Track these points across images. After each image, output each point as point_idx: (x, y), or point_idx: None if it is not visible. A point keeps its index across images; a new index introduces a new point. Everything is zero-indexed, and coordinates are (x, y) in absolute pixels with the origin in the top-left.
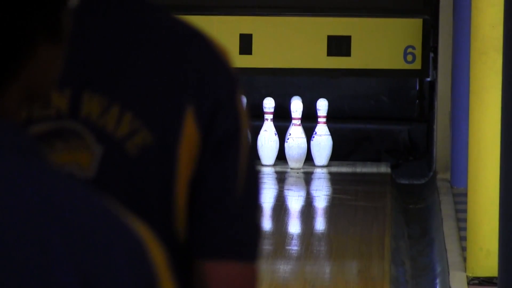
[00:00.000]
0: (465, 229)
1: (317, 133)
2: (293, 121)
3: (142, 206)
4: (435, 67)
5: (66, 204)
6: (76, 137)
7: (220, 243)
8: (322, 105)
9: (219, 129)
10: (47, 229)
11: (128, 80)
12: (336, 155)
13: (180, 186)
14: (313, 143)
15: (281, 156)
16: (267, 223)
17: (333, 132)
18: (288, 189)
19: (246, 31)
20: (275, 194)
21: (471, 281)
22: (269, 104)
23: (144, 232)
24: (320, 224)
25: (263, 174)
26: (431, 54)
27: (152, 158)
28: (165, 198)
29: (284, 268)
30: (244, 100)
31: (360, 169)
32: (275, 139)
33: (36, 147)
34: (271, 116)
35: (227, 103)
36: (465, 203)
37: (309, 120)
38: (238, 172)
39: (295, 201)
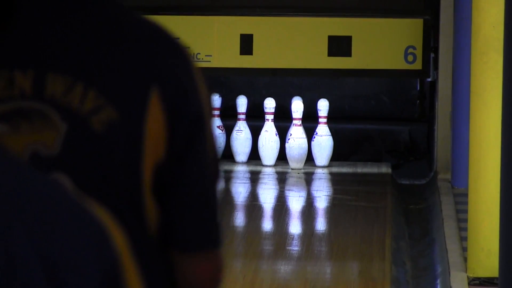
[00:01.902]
0: (466, 229)
1: (318, 134)
2: (294, 122)
3: (108, 183)
4: (436, 67)
5: (27, 192)
6: (40, 117)
7: (192, 236)
8: (322, 106)
9: (184, 117)
10: (8, 217)
11: (92, 60)
12: (337, 156)
13: (147, 166)
14: (313, 143)
15: (282, 157)
16: (267, 224)
17: (333, 133)
18: (288, 190)
19: (246, 31)
20: (276, 194)
21: (472, 281)
22: (269, 104)
23: (106, 219)
24: (320, 224)
25: (264, 174)
26: (432, 54)
27: (118, 134)
28: (131, 177)
29: (284, 268)
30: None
31: (360, 169)
32: (276, 139)
33: None
34: (271, 117)
35: (190, 92)
36: (466, 203)
37: (309, 121)
38: (207, 162)
39: (295, 201)
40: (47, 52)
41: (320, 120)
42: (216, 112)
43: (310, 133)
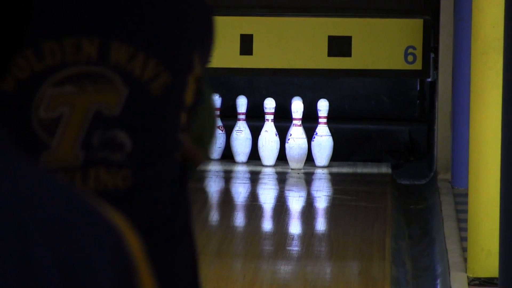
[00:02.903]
0: (465, 229)
1: (318, 134)
2: (294, 122)
3: (160, 140)
4: (436, 68)
5: (44, 197)
6: (105, 80)
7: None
8: (322, 106)
9: (204, 60)
10: (26, 222)
11: (149, 30)
12: (337, 156)
13: (182, 119)
14: (313, 143)
15: (282, 157)
16: (267, 224)
17: (333, 133)
18: (288, 190)
19: (246, 31)
20: (276, 194)
21: (472, 281)
22: (269, 104)
23: (122, 223)
24: (320, 224)
25: (264, 174)
26: (432, 55)
27: (171, 97)
28: (174, 131)
29: (284, 268)
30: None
31: (360, 169)
32: (276, 139)
33: (10, 141)
34: (271, 117)
35: (211, 40)
36: (466, 203)
37: (309, 121)
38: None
39: (295, 201)
40: (110, 21)
41: (320, 120)
42: (216, 112)
43: (310, 133)
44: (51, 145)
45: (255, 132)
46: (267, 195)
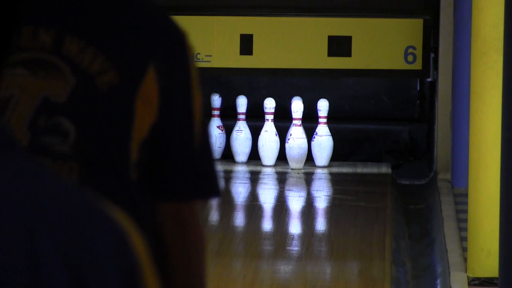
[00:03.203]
0: (465, 229)
1: (318, 134)
2: (294, 122)
3: (102, 133)
4: (436, 68)
5: (51, 197)
6: (55, 68)
7: (183, 185)
8: (322, 106)
9: (173, 83)
10: (34, 222)
11: (103, 28)
12: (337, 156)
13: (137, 127)
14: (313, 143)
15: (282, 157)
16: (267, 224)
17: (333, 133)
18: (288, 190)
19: (246, 31)
20: (276, 194)
21: (471, 281)
22: (269, 104)
23: (126, 223)
24: (320, 224)
25: (264, 174)
26: (432, 55)
27: (117, 96)
28: (122, 136)
29: (284, 268)
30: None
31: (360, 169)
32: (276, 139)
33: (16, 141)
34: (271, 117)
35: (181, 63)
36: (466, 203)
37: (309, 121)
38: (193, 119)
39: (295, 201)
40: (68, 15)
41: (320, 120)
42: (216, 112)
43: (310, 133)
44: None
45: (255, 132)
46: (267, 195)
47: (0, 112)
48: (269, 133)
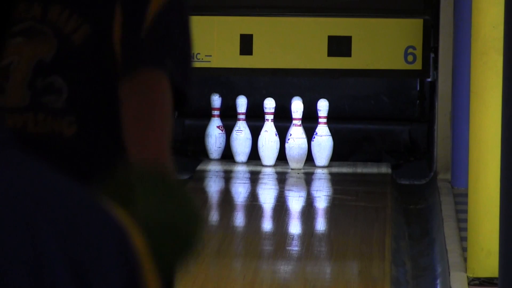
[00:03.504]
0: (465, 229)
1: (318, 134)
2: (294, 122)
3: (89, 84)
4: (436, 68)
5: (53, 196)
6: (43, 34)
7: (129, 58)
8: (322, 106)
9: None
10: (36, 221)
11: None
12: (337, 156)
13: (116, 48)
14: (313, 143)
15: (282, 157)
16: (267, 224)
17: (333, 133)
18: (288, 190)
19: (246, 31)
20: (276, 194)
21: (471, 281)
22: (269, 104)
23: (126, 220)
24: (320, 224)
25: (264, 174)
26: (432, 55)
27: (92, 46)
28: (110, 78)
29: (284, 268)
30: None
31: (360, 169)
32: (276, 139)
33: (14, 140)
34: (271, 117)
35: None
36: (466, 203)
37: (309, 121)
38: (147, 5)
39: (295, 201)
40: None
41: (320, 120)
42: (216, 112)
43: (310, 133)
44: (6, 89)
45: (255, 132)
46: (267, 195)
47: (3, 77)
48: (269, 133)
